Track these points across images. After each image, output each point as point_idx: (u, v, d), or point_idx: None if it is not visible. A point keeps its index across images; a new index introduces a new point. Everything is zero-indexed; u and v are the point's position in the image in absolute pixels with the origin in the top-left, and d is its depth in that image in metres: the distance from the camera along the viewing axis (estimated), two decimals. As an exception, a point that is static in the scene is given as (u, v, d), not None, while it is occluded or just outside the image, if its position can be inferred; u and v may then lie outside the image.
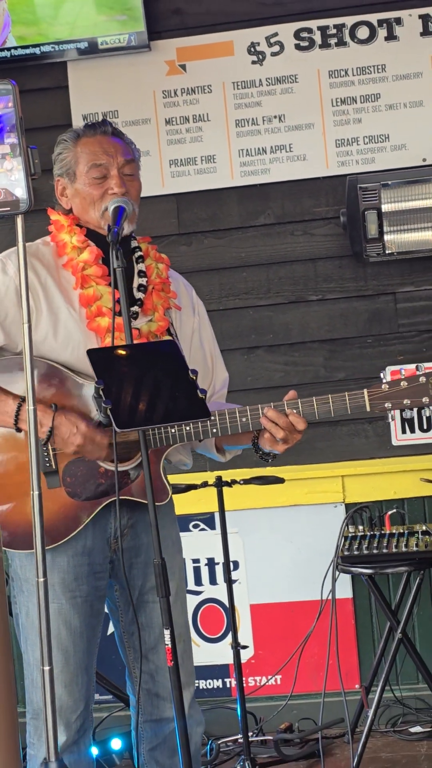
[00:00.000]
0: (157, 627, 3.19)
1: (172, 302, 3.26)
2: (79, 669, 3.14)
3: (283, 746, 4.57)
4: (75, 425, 3.01)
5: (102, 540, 3.16)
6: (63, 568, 3.09)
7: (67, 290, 3.13)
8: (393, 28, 4.77)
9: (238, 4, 4.83)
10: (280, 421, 3.02)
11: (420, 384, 3.03)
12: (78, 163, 3.16)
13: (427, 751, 4.47)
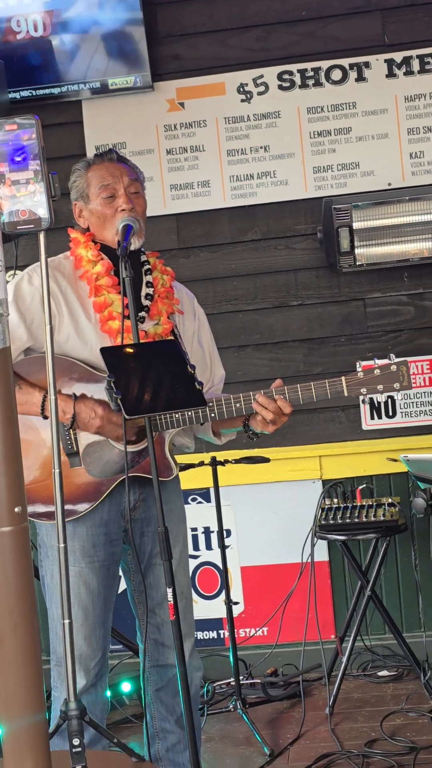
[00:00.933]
0: (163, 586, 3.18)
1: (175, 308, 3.27)
2: (97, 623, 3.15)
3: (269, 688, 4.57)
4: (93, 410, 3.03)
5: (117, 512, 3.17)
6: (83, 536, 3.10)
7: (83, 298, 3.15)
8: (362, 71, 4.76)
9: (229, 51, 4.82)
10: (270, 405, 3.04)
11: (392, 372, 3.04)
12: (89, 186, 3.18)
13: (392, 692, 4.47)
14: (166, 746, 3.34)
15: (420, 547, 4.79)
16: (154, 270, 3.27)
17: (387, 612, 4.54)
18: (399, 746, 3.91)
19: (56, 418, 2.36)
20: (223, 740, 4.16)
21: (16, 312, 3.06)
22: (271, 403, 3.04)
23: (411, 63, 4.73)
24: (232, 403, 3.07)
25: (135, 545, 3.20)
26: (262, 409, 3.04)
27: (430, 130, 4.74)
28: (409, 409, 4.79)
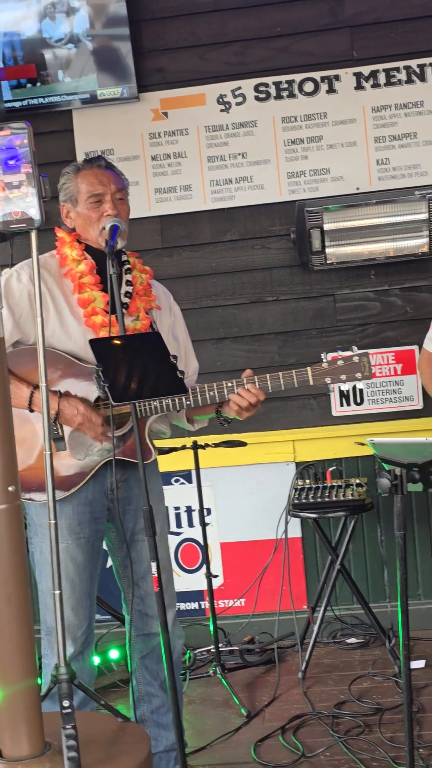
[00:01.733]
0: (146, 560, 3.20)
1: (153, 304, 3.28)
2: (83, 595, 3.16)
3: (246, 655, 4.58)
4: (76, 408, 3.05)
5: (100, 492, 3.17)
6: (69, 515, 3.10)
7: (68, 294, 3.16)
8: (333, 83, 4.75)
9: (209, 64, 4.81)
10: (247, 394, 3.09)
11: (354, 363, 3.06)
12: (79, 190, 3.19)
13: (360, 658, 4.49)
14: (150, 708, 3.35)
15: (385, 524, 4.80)
16: (133, 269, 3.27)
17: (355, 584, 4.56)
18: (366, 707, 3.92)
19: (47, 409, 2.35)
20: (204, 703, 4.16)
21: (6, 307, 3.06)
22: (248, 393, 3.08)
23: (378, 76, 4.73)
24: (207, 391, 3.11)
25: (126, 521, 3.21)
26: (239, 398, 3.09)
27: (396, 138, 4.74)
28: (376, 397, 4.80)
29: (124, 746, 2.28)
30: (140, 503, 3.18)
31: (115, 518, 3.22)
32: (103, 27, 4.70)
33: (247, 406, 3.09)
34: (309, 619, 4.58)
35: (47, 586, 3.11)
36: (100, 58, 4.73)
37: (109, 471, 3.15)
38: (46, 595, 3.14)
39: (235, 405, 3.11)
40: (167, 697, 3.23)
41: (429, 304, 4.72)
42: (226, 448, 4.37)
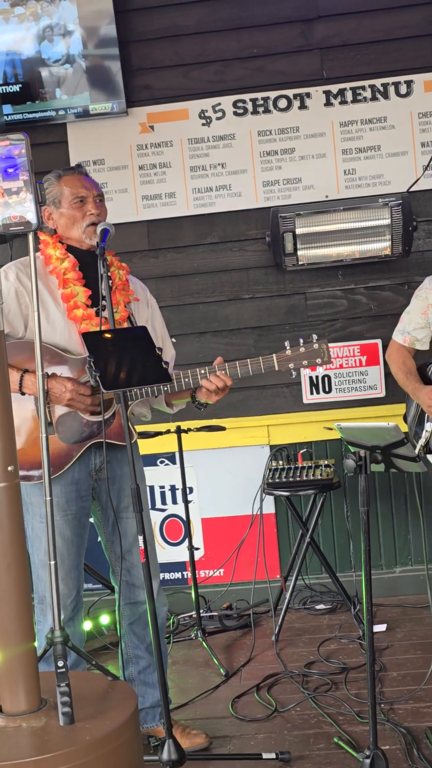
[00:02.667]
0: (131, 535, 3.22)
1: (131, 297, 3.29)
2: (71, 567, 3.15)
3: (225, 620, 4.59)
4: (64, 385, 3.05)
5: (86, 472, 3.17)
6: (57, 493, 3.10)
7: (53, 290, 3.17)
8: (304, 100, 4.74)
9: (191, 82, 4.79)
10: (216, 380, 3.13)
11: (314, 349, 3.10)
12: (62, 194, 3.20)
13: (328, 622, 4.50)
14: (138, 669, 3.35)
15: (351, 501, 4.82)
16: (111, 266, 3.26)
17: (323, 555, 4.57)
18: (333, 667, 3.94)
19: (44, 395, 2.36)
20: (186, 663, 4.17)
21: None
22: (217, 379, 3.13)
23: (345, 94, 4.73)
24: (182, 378, 3.15)
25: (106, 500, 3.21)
26: (210, 384, 3.13)
27: (361, 150, 4.74)
28: (342, 386, 4.81)
29: (113, 702, 2.29)
30: (123, 482, 3.20)
31: (101, 496, 3.23)
32: (95, 48, 4.68)
33: (215, 390, 3.14)
34: (282, 588, 4.59)
35: (39, 559, 3.11)
36: (92, 76, 4.70)
37: (93, 453, 3.16)
38: (37, 567, 3.14)
39: (205, 389, 3.15)
40: (153, 658, 3.24)
41: (391, 302, 4.73)
42: (206, 432, 4.39)
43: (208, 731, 3.39)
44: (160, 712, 3.30)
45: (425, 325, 3.67)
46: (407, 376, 3.67)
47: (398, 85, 4.71)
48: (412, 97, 4.71)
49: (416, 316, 3.69)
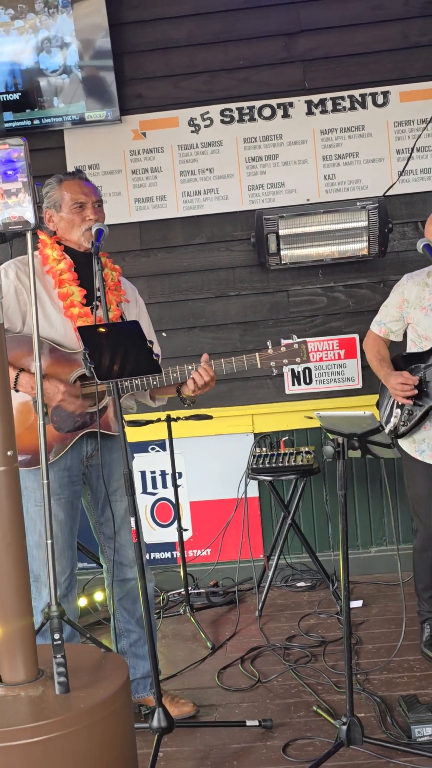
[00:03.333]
0: (119, 518, 3.23)
1: (122, 298, 3.29)
2: (65, 547, 3.15)
3: (211, 596, 4.59)
4: (57, 387, 3.04)
5: (78, 459, 3.17)
6: (51, 479, 3.09)
7: (49, 289, 3.16)
8: (287, 109, 4.74)
9: (181, 92, 4.77)
10: (204, 374, 3.13)
11: (294, 349, 3.11)
12: (63, 198, 3.18)
13: (308, 599, 4.51)
14: (129, 642, 3.36)
15: (329, 485, 4.83)
16: (105, 267, 3.25)
17: (304, 536, 4.58)
18: (312, 640, 3.95)
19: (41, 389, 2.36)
20: (175, 637, 4.17)
21: None
22: (205, 373, 3.13)
23: (325, 104, 4.72)
24: (170, 373, 3.14)
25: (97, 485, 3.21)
26: (198, 377, 3.13)
27: (341, 157, 4.73)
28: (322, 378, 4.81)
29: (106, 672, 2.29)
30: (113, 468, 3.21)
31: (91, 481, 3.23)
32: (90, 59, 4.66)
33: (202, 385, 3.14)
34: (265, 566, 4.59)
35: (33, 540, 3.10)
36: (88, 86, 4.68)
37: (84, 441, 3.17)
38: (32, 548, 3.12)
39: (192, 383, 3.15)
40: (143, 632, 3.24)
41: (368, 299, 4.73)
42: (195, 420, 4.39)
43: (195, 700, 3.40)
44: (150, 682, 3.31)
45: (399, 319, 3.69)
46: (380, 363, 3.69)
47: (375, 96, 4.71)
48: (389, 107, 4.71)
49: (392, 309, 3.71)
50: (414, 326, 3.64)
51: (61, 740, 2.03)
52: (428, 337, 3.57)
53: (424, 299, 3.59)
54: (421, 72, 4.69)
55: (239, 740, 3.12)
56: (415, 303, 3.61)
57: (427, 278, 3.63)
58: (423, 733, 2.95)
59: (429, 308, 3.58)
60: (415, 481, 3.69)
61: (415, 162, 4.72)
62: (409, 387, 3.52)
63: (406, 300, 3.64)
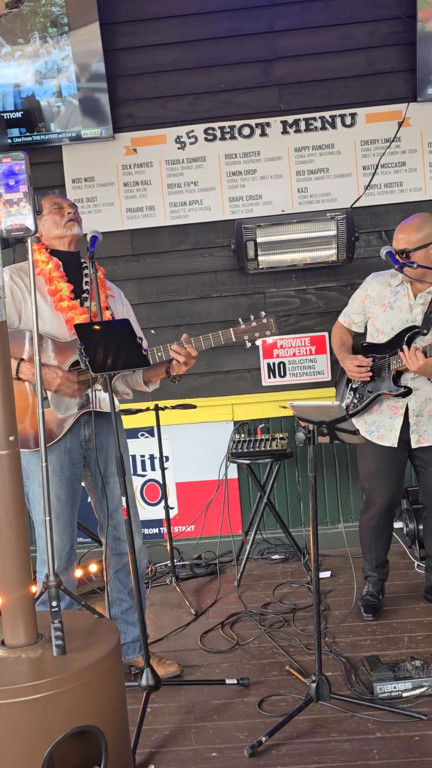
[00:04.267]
0: (116, 497, 3.22)
1: (108, 293, 3.30)
2: (66, 524, 3.14)
3: (195, 568, 4.60)
4: (55, 372, 3.04)
5: (77, 442, 3.16)
6: (53, 461, 3.09)
7: (40, 287, 3.15)
8: (264, 128, 4.73)
9: (168, 113, 4.76)
10: (182, 351, 3.11)
11: (264, 323, 3.13)
12: (44, 206, 3.24)
13: (281, 570, 4.52)
14: (121, 610, 3.35)
15: (301, 468, 4.84)
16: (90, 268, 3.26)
17: (278, 513, 4.58)
18: (285, 607, 3.96)
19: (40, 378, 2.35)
20: (162, 605, 4.17)
21: None
22: (182, 349, 3.11)
23: (299, 124, 4.72)
24: (155, 352, 3.13)
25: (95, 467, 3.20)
26: (177, 354, 3.11)
27: (312, 172, 4.73)
28: (295, 372, 4.82)
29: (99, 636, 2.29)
30: (109, 451, 3.20)
31: (90, 464, 3.23)
32: (86, 82, 4.63)
33: (184, 361, 3.11)
34: (243, 541, 4.60)
35: (39, 519, 3.10)
36: (84, 106, 4.66)
37: (83, 425, 3.16)
38: (38, 525, 3.13)
39: (175, 361, 3.12)
40: (133, 601, 3.24)
41: (337, 301, 4.74)
42: (181, 410, 4.38)
43: (180, 661, 3.40)
44: (139, 645, 3.31)
45: (361, 312, 3.77)
46: (341, 347, 3.80)
47: (344, 117, 4.71)
48: (356, 127, 4.71)
49: (356, 303, 3.78)
50: (373, 320, 3.70)
51: (59, 697, 2.03)
52: (384, 331, 3.63)
53: (384, 297, 3.64)
54: (384, 96, 4.70)
55: (219, 697, 3.13)
56: (376, 299, 3.66)
57: (390, 279, 3.67)
58: (384, 689, 2.97)
59: (388, 305, 3.63)
60: (365, 459, 3.76)
61: (380, 177, 4.72)
62: (365, 369, 3.58)
63: (369, 296, 3.69)
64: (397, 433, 3.61)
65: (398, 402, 3.60)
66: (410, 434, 3.61)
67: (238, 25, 4.68)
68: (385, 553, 3.85)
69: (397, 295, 3.61)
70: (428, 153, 4.71)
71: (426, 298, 3.56)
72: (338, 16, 4.65)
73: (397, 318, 3.59)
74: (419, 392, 3.58)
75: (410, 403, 3.59)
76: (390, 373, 3.57)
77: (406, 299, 3.59)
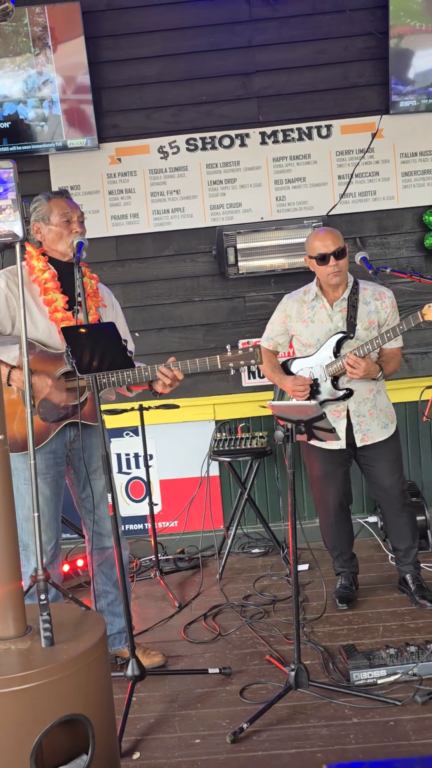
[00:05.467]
0: (98, 494, 3.21)
1: (100, 303, 3.28)
2: (50, 520, 3.13)
3: (178, 562, 4.60)
4: (45, 381, 3.02)
5: (62, 444, 3.16)
6: (39, 461, 3.08)
7: (35, 296, 3.14)
8: (244, 139, 4.74)
9: (152, 123, 4.75)
10: (168, 373, 3.10)
11: (250, 352, 3.11)
12: (51, 212, 3.15)
13: (261, 563, 4.53)
14: (107, 602, 3.35)
15: (280, 465, 4.85)
16: (84, 276, 3.23)
17: (258, 509, 4.60)
18: (265, 598, 3.97)
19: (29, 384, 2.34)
20: (147, 597, 4.17)
21: None
22: (169, 372, 3.11)
23: (277, 135, 4.73)
24: (143, 371, 3.12)
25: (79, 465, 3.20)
26: (163, 376, 3.10)
27: (290, 181, 4.75)
28: (274, 372, 4.83)
29: (85, 628, 2.29)
30: (93, 451, 3.20)
31: (74, 462, 3.22)
32: (72, 93, 4.62)
33: (169, 383, 3.12)
34: (224, 536, 4.61)
35: (23, 514, 3.08)
36: (70, 117, 4.64)
37: (68, 429, 3.15)
38: (22, 521, 3.11)
39: (161, 382, 3.12)
40: (119, 593, 3.24)
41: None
42: (164, 409, 4.38)
43: (164, 652, 3.41)
44: (125, 636, 3.31)
45: (284, 332, 3.83)
46: (273, 370, 3.84)
47: (320, 128, 4.73)
48: (331, 138, 4.73)
49: (277, 325, 3.84)
50: (298, 337, 3.76)
51: (47, 687, 2.02)
52: (311, 344, 3.70)
53: (303, 313, 3.73)
54: (359, 108, 4.72)
55: (202, 686, 3.13)
56: (296, 317, 3.74)
57: (303, 296, 3.76)
58: (360, 677, 2.99)
59: (309, 320, 3.72)
60: (312, 464, 3.82)
61: (354, 186, 4.75)
62: (305, 387, 3.62)
63: (289, 315, 3.77)
64: (344, 435, 3.66)
65: (339, 405, 3.66)
66: (354, 434, 3.66)
67: (218, 39, 4.69)
68: (350, 548, 3.90)
69: (314, 309, 3.70)
70: (401, 163, 4.74)
71: (342, 305, 3.66)
72: (314, 32, 4.67)
73: (321, 329, 3.67)
74: (356, 393, 3.64)
75: (350, 405, 3.65)
76: (327, 380, 3.62)
77: (324, 311, 3.67)
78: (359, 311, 3.63)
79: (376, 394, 3.68)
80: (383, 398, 3.72)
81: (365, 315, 3.63)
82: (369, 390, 3.66)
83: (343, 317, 3.64)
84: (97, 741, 2.12)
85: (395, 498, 3.70)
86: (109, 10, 4.69)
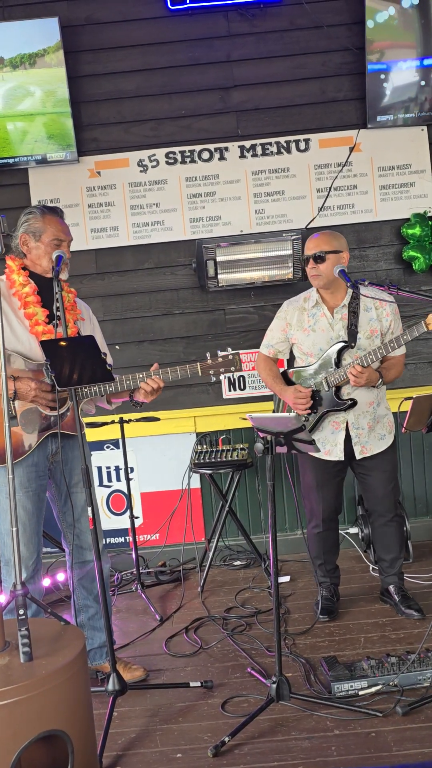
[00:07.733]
0: (79, 507, 3.20)
1: (78, 316, 3.28)
2: (32, 534, 3.11)
3: (159, 575, 4.58)
4: (29, 385, 3.01)
5: (43, 457, 3.14)
6: (20, 474, 3.07)
7: (15, 309, 3.13)
8: (223, 153, 4.77)
9: (131, 136, 4.77)
10: (151, 382, 3.10)
11: (229, 360, 3.13)
12: (45, 231, 3.15)
13: (243, 575, 4.53)
14: (87, 616, 3.33)
15: (261, 477, 4.85)
16: (63, 290, 3.23)
17: (239, 521, 4.59)
18: (247, 611, 3.96)
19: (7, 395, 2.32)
20: (128, 611, 4.15)
21: None
22: (152, 381, 3.13)
23: (256, 148, 4.76)
24: (124, 381, 3.13)
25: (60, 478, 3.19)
26: (146, 385, 3.12)
27: (269, 194, 4.78)
28: (254, 385, 4.84)
29: (65, 642, 2.28)
30: (74, 464, 3.19)
31: (55, 475, 3.21)
32: (52, 107, 4.63)
33: (151, 391, 3.14)
34: (206, 548, 4.60)
35: (4, 529, 3.07)
36: (49, 130, 4.65)
37: (50, 441, 3.14)
38: (3, 535, 3.10)
39: (143, 390, 3.15)
40: (99, 607, 3.22)
41: (293, 317, 4.78)
42: (144, 422, 4.38)
43: (145, 666, 3.39)
44: (106, 651, 3.29)
45: (285, 340, 3.83)
46: (274, 380, 3.82)
47: (298, 142, 4.77)
48: (310, 152, 4.77)
49: (278, 332, 3.83)
50: (299, 345, 3.76)
51: (26, 702, 2.01)
52: (312, 353, 3.70)
53: (303, 321, 3.73)
54: (336, 122, 4.76)
55: (184, 699, 3.12)
56: (297, 326, 3.74)
57: (303, 303, 3.76)
58: (341, 688, 2.99)
59: (309, 329, 3.71)
60: (306, 473, 3.82)
61: (332, 199, 4.78)
62: (306, 399, 3.62)
63: (289, 323, 3.77)
64: (342, 446, 3.67)
65: (338, 417, 3.67)
66: (353, 446, 3.68)
67: (197, 54, 4.73)
68: (334, 559, 3.90)
69: (315, 317, 3.70)
70: (378, 177, 4.78)
71: (342, 312, 3.66)
72: (292, 47, 4.72)
73: (322, 338, 3.67)
74: (355, 406, 3.64)
75: (349, 418, 3.66)
76: (330, 390, 3.63)
77: (325, 319, 3.68)
78: (360, 318, 3.63)
79: (375, 407, 3.68)
80: (383, 409, 3.73)
81: (366, 323, 3.63)
82: (369, 403, 3.66)
83: (344, 325, 3.64)
84: (76, 757, 2.10)
85: (388, 508, 3.72)
86: (88, 24, 4.71)
